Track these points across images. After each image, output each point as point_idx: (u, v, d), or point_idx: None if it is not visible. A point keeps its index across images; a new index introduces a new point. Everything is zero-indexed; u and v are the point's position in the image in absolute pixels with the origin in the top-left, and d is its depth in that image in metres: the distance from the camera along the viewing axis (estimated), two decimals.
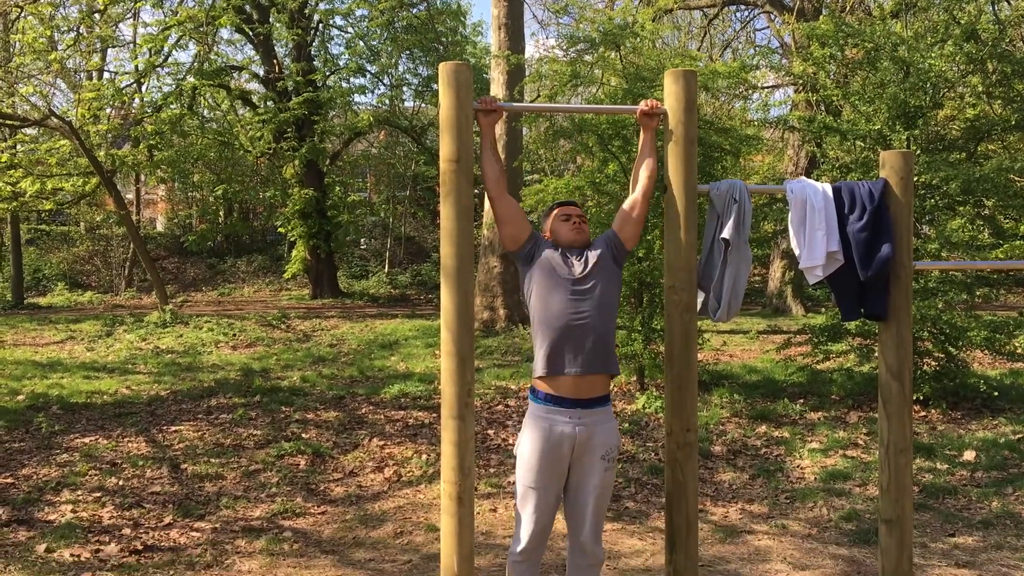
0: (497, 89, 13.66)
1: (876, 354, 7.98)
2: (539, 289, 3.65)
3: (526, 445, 3.64)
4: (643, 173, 3.77)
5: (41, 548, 5.47)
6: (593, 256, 3.68)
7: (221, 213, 28.36)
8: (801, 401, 9.01)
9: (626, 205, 3.81)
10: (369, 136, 25.00)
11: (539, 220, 4.13)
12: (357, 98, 22.37)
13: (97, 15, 18.63)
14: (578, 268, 3.65)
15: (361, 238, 28.38)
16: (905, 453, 3.73)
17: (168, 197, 30.35)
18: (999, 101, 9.90)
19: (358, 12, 20.57)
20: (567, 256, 3.69)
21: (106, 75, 22.33)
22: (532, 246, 3.72)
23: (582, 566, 3.71)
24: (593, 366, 3.57)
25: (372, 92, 22.11)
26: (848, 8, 15.24)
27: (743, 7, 20.76)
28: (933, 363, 8.89)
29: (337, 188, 21.83)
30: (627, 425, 8.19)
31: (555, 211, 3.88)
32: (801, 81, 10.93)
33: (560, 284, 3.61)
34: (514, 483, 3.79)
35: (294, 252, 21.86)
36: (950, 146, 9.43)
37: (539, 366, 3.61)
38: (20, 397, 9.44)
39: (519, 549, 3.67)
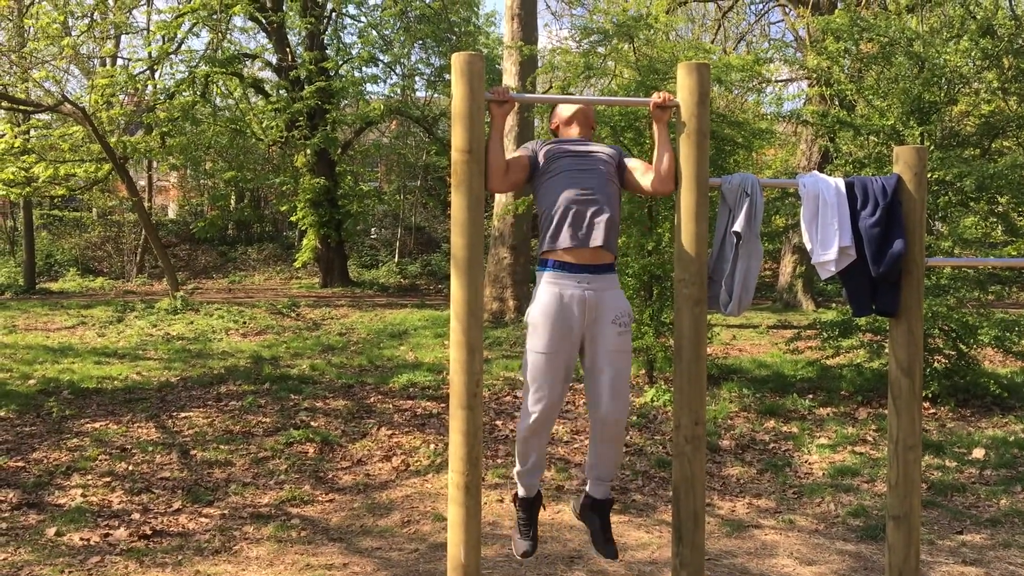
0: (509, 80, 13.63)
1: (886, 350, 7.96)
2: (547, 186, 3.76)
3: (536, 310, 3.68)
4: (662, 168, 3.72)
5: (51, 532, 5.52)
6: (596, 147, 3.84)
7: (232, 200, 28.41)
8: (810, 396, 8.99)
9: (645, 170, 3.83)
10: (381, 126, 24.99)
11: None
12: (369, 87, 22.42)
13: (111, 1, 18.66)
14: (582, 148, 3.80)
15: (371, 227, 28.40)
16: (914, 450, 3.72)
17: (180, 184, 30.41)
18: (1015, 97, 9.83)
19: (371, 1, 20.61)
20: (571, 143, 3.84)
21: (119, 62, 22.39)
22: (535, 161, 3.83)
23: (604, 439, 3.73)
24: (597, 239, 3.64)
25: (384, 82, 22.16)
26: (863, 2, 15.14)
27: (758, 0, 20.66)
28: (943, 360, 8.85)
29: (348, 177, 21.84)
30: (636, 418, 8.19)
31: (557, 108, 4.08)
32: (815, 75, 10.86)
33: (561, 164, 3.74)
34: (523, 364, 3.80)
35: (304, 241, 21.89)
36: (964, 142, 9.38)
37: (546, 243, 3.70)
38: (31, 381, 9.49)
39: (528, 423, 3.69)
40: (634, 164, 3.87)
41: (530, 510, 3.95)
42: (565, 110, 3.99)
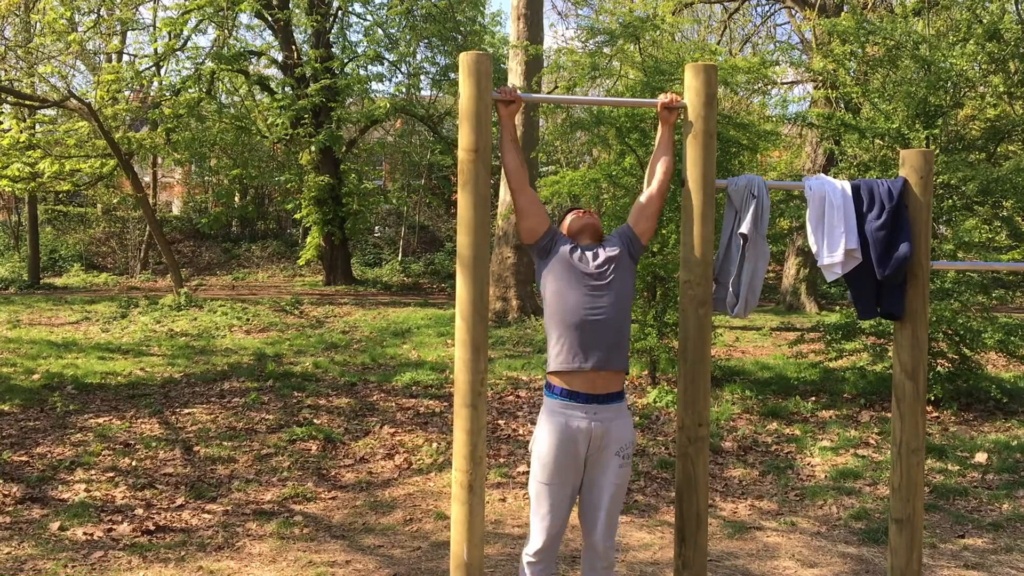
0: (515, 79, 13.64)
1: (890, 353, 7.96)
2: (555, 283, 3.64)
3: (542, 441, 3.62)
4: (659, 169, 3.77)
5: (55, 526, 5.53)
6: (609, 252, 3.68)
7: (237, 197, 28.44)
8: (813, 399, 8.99)
9: (642, 199, 3.81)
10: (385, 124, 25.00)
11: (555, 216, 4.15)
12: (374, 86, 22.39)
13: None
14: (594, 263, 3.64)
15: (375, 226, 28.41)
16: (917, 453, 3.72)
17: (185, 181, 30.45)
18: (1021, 101, 9.82)
19: (377, 0, 20.58)
20: (583, 251, 3.69)
21: (125, 58, 22.42)
22: (549, 240, 3.70)
23: (596, 568, 3.70)
24: (609, 363, 3.57)
25: (390, 80, 22.18)
26: (870, 5, 15.13)
27: (764, 2, 20.65)
28: (947, 364, 8.85)
29: (352, 175, 21.86)
30: (639, 419, 8.19)
31: (568, 214, 3.93)
32: (821, 77, 10.87)
33: (577, 279, 3.60)
34: (525, 473, 3.81)
35: (308, 238, 21.92)
36: (970, 146, 9.37)
37: (554, 361, 3.61)
38: (35, 376, 9.51)
39: (535, 549, 3.65)
40: (636, 212, 3.81)
41: None
42: (573, 226, 3.83)
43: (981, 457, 7.30)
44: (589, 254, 3.68)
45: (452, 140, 21.14)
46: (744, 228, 3.62)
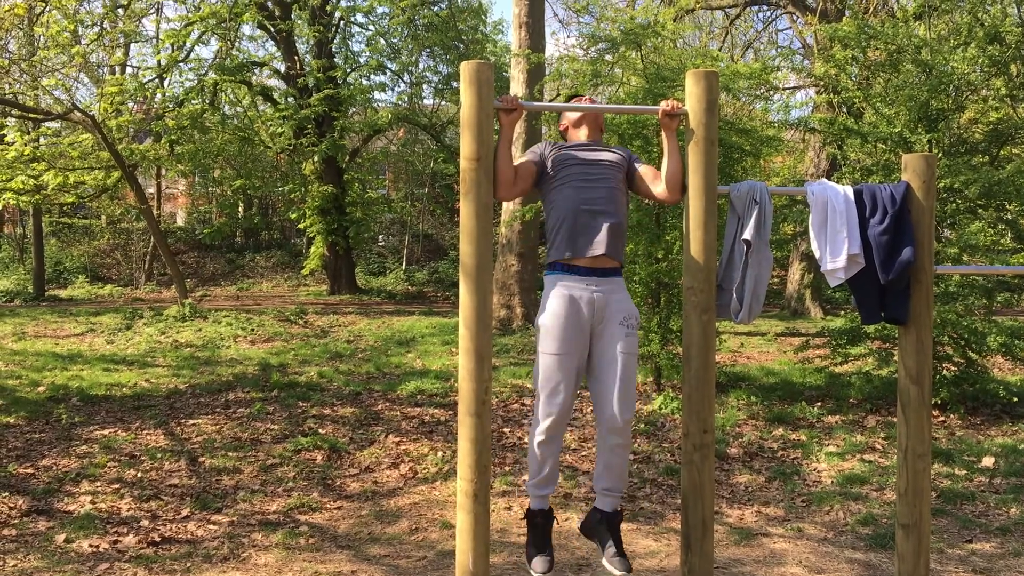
0: (517, 88, 13.66)
1: (895, 358, 7.94)
2: (553, 183, 3.81)
3: (547, 313, 3.72)
4: (670, 176, 3.75)
5: (60, 538, 5.53)
6: (607, 156, 3.86)
7: (240, 208, 28.48)
8: (819, 404, 8.97)
9: (656, 176, 3.86)
10: (388, 133, 25.03)
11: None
12: (377, 95, 22.41)
13: (121, 10, 18.75)
14: (590, 156, 3.83)
15: (379, 235, 28.44)
16: (923, 458, 3.71)
17: (188, 192, 30.51)
18: (1023, 104, 9.81)
19: (379, 9, 20.61)
20: (580, 148, 3.88)
21: (129, 70, 22.49)
22: (542, 166, 3.88)
23: (611, 445, 3.71)
24: (607, 251, 3.71)
25: (392, 89, 22.17)
26: (871, 9, 15.14)
27: (765, 7, 20.66)
28: (953, 368, 8.82)
29: (356, 185, 21.88)
30: (643, 426, 8.18)
31: (570, 100, 4.12)
32: (822, 82, 10.86)
33: (570, 172, 3.78)
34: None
35: (312, 248, 21.93)
36: (972, 149, 9.36)
37: (554, 252, 3.76)
38: (41, 388, 9.53)
39: (545, 426, 3.69)
40: (644, 170, 3.90)
41: (545, 524, 3.89)
42: (574, 112, 4.03)
43: (988, 461, 7.27)
44: (586, 152, 3.86)
45: (455, 149, 21.16)
46: (747, 234, 3.62)
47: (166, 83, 20.43)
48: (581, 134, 4.00)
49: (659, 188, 3.82)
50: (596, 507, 3.88)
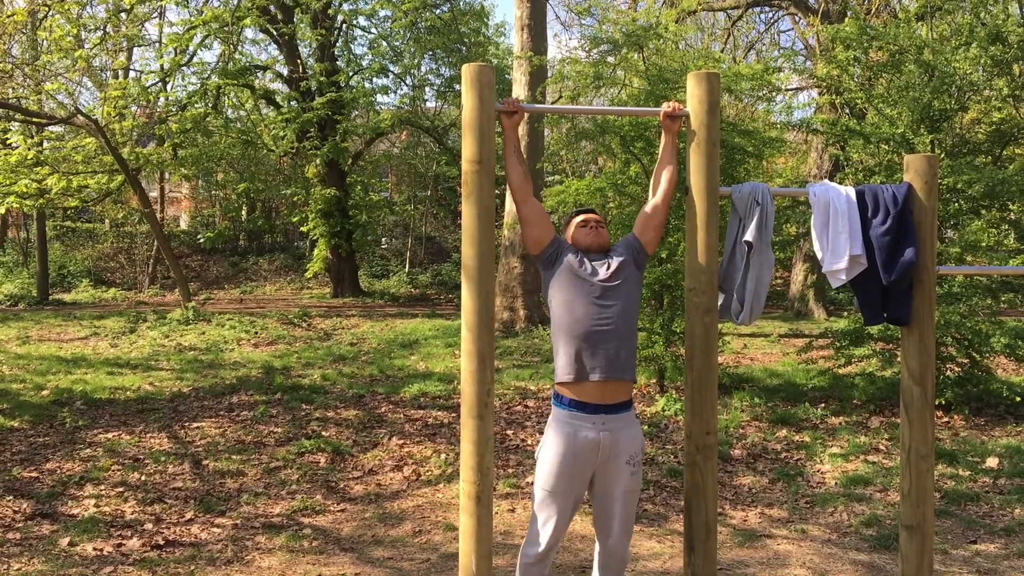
0: (519, 90, 13.67)
1: (898, 359, 7.93)
2: (562, 294, 3.66)
3: (549, 450, 3.65)
4: (664, 178, 3.79)
5: (64, 542, 5.54)
6: (615, 262, 3.70)
7: (244, 211, 28.52)
8: (822, 405, 8.96)
9: (647, 209, 3.84)
10: (391, 136, 25.06)
11: (559, 224, 4.17)
12: (379, 98, 22.43)
13: (124, 14, 18.80)
14: (602, 273, 3.66)
15: (382, 238, 28.46)
16: (927, 459, 3.71)
17: (192, 195, 30.56)
18: None
19: (381, 13, 20.66)
20: (590, 261, 3.71)
21: (132, 74, 22.54)
22: (555, 250, 3.73)
23: (611, 565, 3.77)
24: (616, 372, 3.58)
25: (394, 92, 22.17)
26: (873, 10, 15.14)
27: (767, 9, 20.67)
28: (956, 368, 8.81)
29: (359, 188, 21.91)
30: (647, 427, 8.17)
31: (574, 219, 3.93)
32: (825, 84, 10.86)
33: (583, 289, 3.62)
34: (532, 484, 3.81)
35: (315, 251, 21.97)
36: (975, 150, 9.36)
37: (562, 372, 3.62)
38: (45, 392, 9.54)
39: (534, 552, 3.69)
40: (641, 222, 3.83)
41: None
42: (581, 242, 3.81)
43: (992, 462, 7.26)
44: (596, 263, 3.70)
45: (457, 151, 21.18)
46: (749, 236, 3.61)
47: (169, 87, 20.48)
48: (587, 238, 3.83)
49: (657, 214, 3.80)
50: None
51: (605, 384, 3.58)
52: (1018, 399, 8.57)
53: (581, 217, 3.90)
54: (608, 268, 3.68)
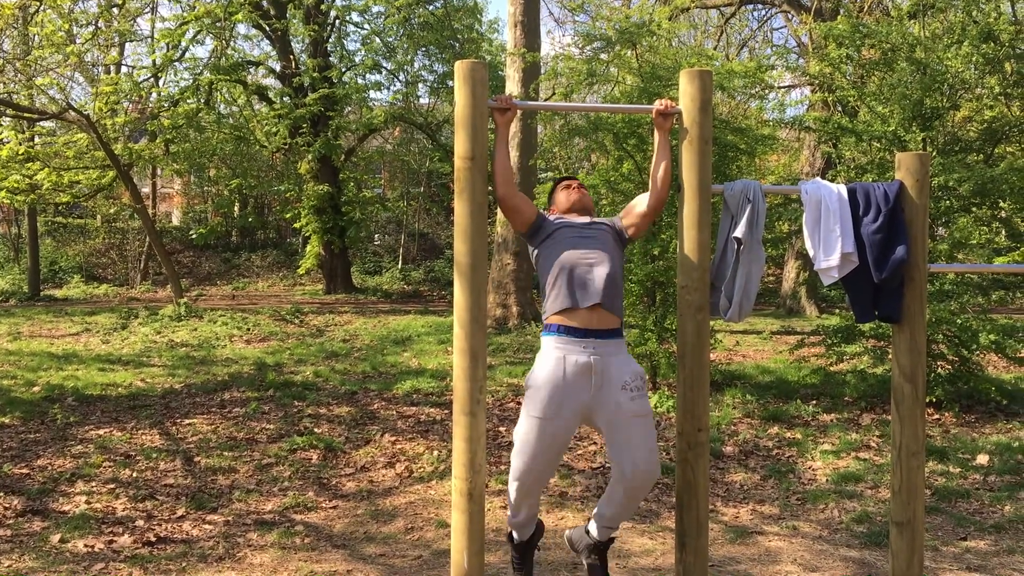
0: (512, 87, 13.67)
1: (890, 356, 7.96)
2: (548, 249, 3.78)
3: (538, 375, 3.62)
4: (658, 177, 3.81)
5: (55, 538, 5.52)
6: (599, 224, 3.88)
7: (236, 207, 28.46)
8: (814, 402, 8.98)
9: (634, 201, 3.95)
10: (384, 132, 25.02)
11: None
12: (372, 94, 22.41)
13: (115, 9, 18.73)
14: (583, 222, 3.85)
15: (375, 234, 28.42)
16: (917, 456, 3.72)
17: (184, 191, 30.48)
18: (1017, 102, 9.83)
19: (375, 9, 20.62)
20: (572, 220, 3.88)
21: (124, 69, 22.45)
22: (540, 223, 3.86)
23: (627, 491, 3.63)
24: (604, 304, 3.61)
25: (388, 89, 22.15)
26: (866, 8, 15.16)
27: (760, 6, 20.69)
28: (947, 366, 8.84)
29: (352, 184, 21.87)
30: None
31: (557, 187, 4.13)
32: (817, 81, 10.88)
33: (568, 238, 3.76)
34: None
35: (308, 247, 21.92)
36: (967, 148, 9.38)
37: (552, 306, 3.68)
38: (36, 388, 9.51)
39: (517, 484, 3.69)
40: (626, 209, 3.94)
41: (524, 551, 3.96)
42: (563, 201, 4.02)
43: (983, 459, 7.29)
44: (578, 220, 3.87)
45: (450, 148, 21.13)
46: (738, 232, 3.62)
47: (161, 82, 20.40)
48: (570, 199, 4.04)
49: (646, 201, 3.87)
50: (587, 530, 3.84)
51: (594, 311, 3.60)
52: (1004, 401, 8.61)
53: (563, 184, 4.10)
54: (590, 224, 3.85)
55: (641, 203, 3.86)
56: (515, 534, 3.95)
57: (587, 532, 3.86)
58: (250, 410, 8.58)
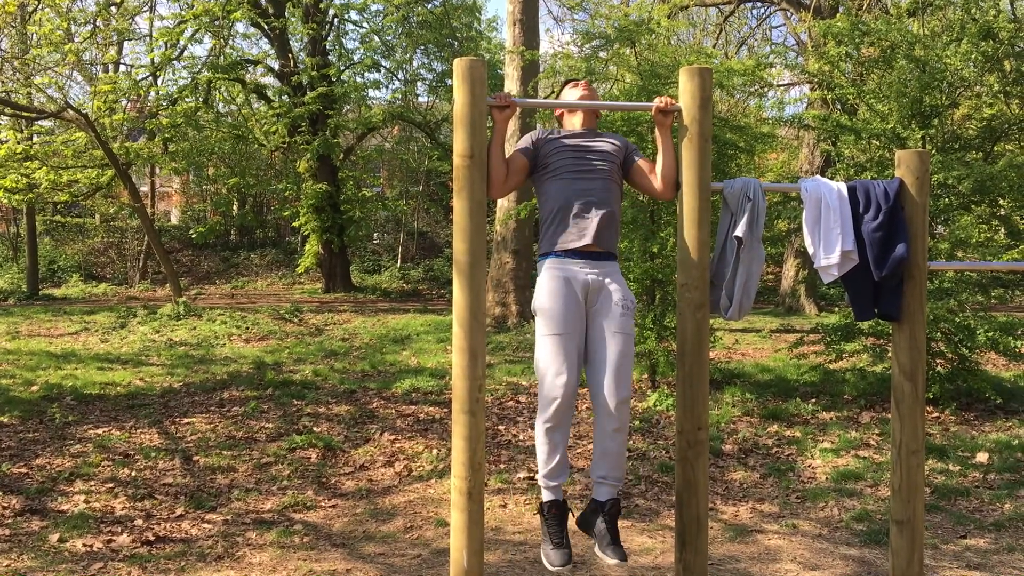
0: (511, 85, 13.65)
1: (889, 354, 7.96)
2: (547, 173, 3.80)
3: (543, 294, 3.69)
4: (664, 174, 3.75)
5: (54, 538, 5.52)
6: (601, 143, 3.84)
7: (235, 206, 28.43)
8: (813, 401, 8.98)
9: (653, 174, 3.82)
10: (383, 131, 24.99)
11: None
12: (371, 93, 22.35)
13: (114, 8, 18.70)
14: (584, 144, 3.81)
15: (374, 233, 28.39)
16: (917, 454, 3.72)
17: (183, 190, 30.45)
18: (1016, 100, 9.82)
19: (373, 7, 20.58)
20: (574, 137, 3.85)
21: (122, 68, 22.43)
22: (535, 155, 3.85)
23: (607, 430, 3.63)
24: (600, 241, 3.69)
25: (386, 87, 22.15)
26: (865, 6, 15.15)
27: (759, 4, 20.66)
28: (946, 364, 8.84)
29: (350, 183, 21.85)
30: (638, 423, 8.18)
31: (565, 87, 4.09)
32: (816, 79, 10.87)
33: (564, 167, 3.76)
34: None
35: (307, 246, 21.89)
36: (966, 146, 9.37)
37: (545, 243, 3.75)
38: (34, 388, 9.50)
39: (549, 412, 3.61)
40: (642, 164, 3.87)
41: (560, 516, 3.73)
42: (568, 98, 4.00)
43: (982, 457, 7.29)
44: (580, 140, 3.83)
45: (449, 146, 21.13)
46: (739, 231, 3.62)
47: (160, 81, 20.37)
48: (576, 120, 3.95)
49: (655, 184, 3.80)
50: (593, 498, 3.75)
51: (589, 246, 3.69)
52: (999, 400, 8.60)
53: (571, 84, 4.07)
54: (589, 142, 3.82)
55: (651, 181, 3.80)
56: (548, 493, 3.74)
57: (592, 500, 3.76)
58: (249, 409, 8.57)
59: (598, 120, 4.05)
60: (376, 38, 21.17)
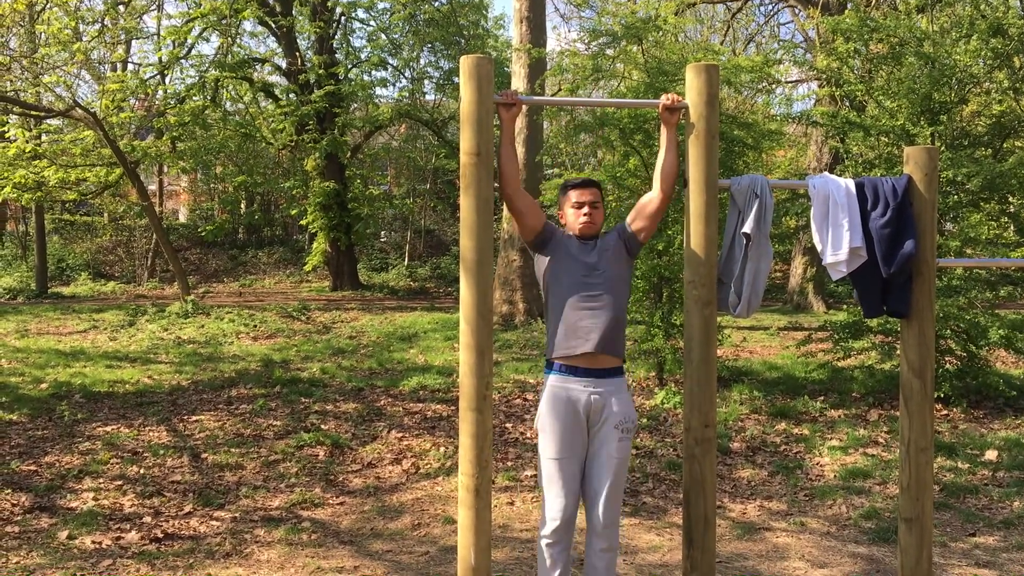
0: (518, 82, 13.64)
1: (898, 352, 7.93)
2: (554, 272, 3.77)
3: (546, 416, 3.72)
4: (665, 171, 3.78)
5: (63, 535, 5.54)
6: (606, 245, 3.81)
7: (242, 204, 28.49)
8: (821, 398, 8.96)
9: (643, 199, 3.88)
10: (390, 129, 25.01)
11: (556, 202, 4.19)
12: (378, 91, 22.38)
13: (122, 7, 18.75)
14: (592, 255, 3.77)
15: (381, 231, 28.42)
16: (926, 452, 3.71)
17: (191, 188, 30.53)
18: None
19: (380, 5, 20.63)
20: (581, 243, 3.81)
21: (130, 67, 22.50)
22: (547, 234, 3.82)
23: (596, 550, 3.73)
24: (606, 348, 3.68)
25: (393, 85, 22.18)
26: (873, 2, 15.10)
27: (767, 1, 20.63)
28: (955, 361, 8.80)
29: (358, 181, 21.88)
30: (645, 420, 8.17)
31: (569, 192, 3.91)
32: (825, 76, 10.83)
33: (574, 268, 3.73)
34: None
35: (315, 244, 21.93)
36: (975, 142, 9.33)
37: (553, 346, 3.73)
38: (43, 385, 9.54)
39: (551, 529, 3.69)
40: (636, 210, 3.85)
41: None
42: (572, 221, 3.85)
43: (991, 455, 7.26)
44: (587, 245, 3.80)
45: (456, 144, 21.12)
46: (747, 228, 3.61)
47: (167, 80, 20.44)
48: (576, 226, 3.82)
49: (652, 198, 3.81)
50: None
51: (595, 356, 3.68)
52: (1014, 393, 8.57)
53: (576, 193, 3.86)
54: (598, 251, 3.78)
55: (650, 203, 3.80)
56: None
57: None
58: (257, 407, 8.59)
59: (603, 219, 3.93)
60: (383, 36, 21.20)
